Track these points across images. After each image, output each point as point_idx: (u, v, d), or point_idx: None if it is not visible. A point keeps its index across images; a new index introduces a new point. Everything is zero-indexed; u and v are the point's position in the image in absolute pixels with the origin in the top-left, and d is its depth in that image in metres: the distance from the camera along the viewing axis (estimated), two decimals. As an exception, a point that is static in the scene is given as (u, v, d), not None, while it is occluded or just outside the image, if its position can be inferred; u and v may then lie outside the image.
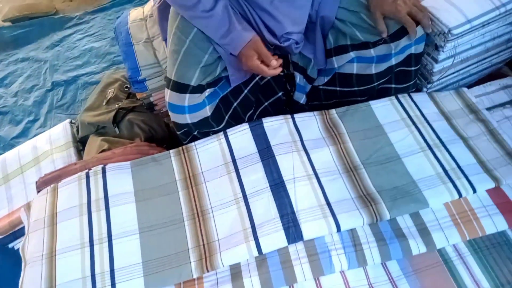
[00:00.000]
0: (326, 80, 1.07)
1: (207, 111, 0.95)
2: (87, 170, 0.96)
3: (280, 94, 1.14)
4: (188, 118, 0.95)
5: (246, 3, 0.91)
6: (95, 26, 2.10)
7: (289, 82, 1.16)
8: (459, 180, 0.87)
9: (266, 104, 1.13)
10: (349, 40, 0.97)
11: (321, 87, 1.08)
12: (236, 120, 1.03)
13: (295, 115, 1.00)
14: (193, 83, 0.90)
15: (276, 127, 0.97)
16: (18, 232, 1.15)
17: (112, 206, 0.89)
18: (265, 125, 0.96)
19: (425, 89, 1.13)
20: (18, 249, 1.00)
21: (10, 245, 1.17)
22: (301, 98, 1.14)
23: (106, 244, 0.84)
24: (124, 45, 1.13)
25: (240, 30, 0.87)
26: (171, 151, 0.98)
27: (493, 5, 0.92)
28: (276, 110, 1.15)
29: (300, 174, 0.88)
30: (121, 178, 0.93)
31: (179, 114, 0.95)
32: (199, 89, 0.92)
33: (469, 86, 1.14)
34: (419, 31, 0.92)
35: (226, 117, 1.02)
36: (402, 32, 0.92)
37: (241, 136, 0.96)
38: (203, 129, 0.98)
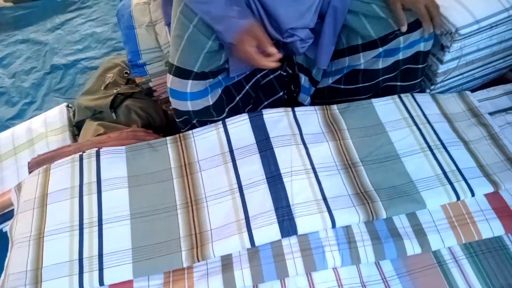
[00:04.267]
0: (331, 81, 1.05)
1: (209, 100, 0.93)
2: (81, 153, 0.94)
3: (281, 93, 1.12)
4: (189, 105, 0.93)
5: None
6: (98, 11, 2.07)
7: (293, 83, 1.14)
8: (458, 183, 0.86)
9: (265, 103, 1.12)
10: (360, 39, 0.95)
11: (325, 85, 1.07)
12: (236, 113, 1.02)
13: (296, 109, 0.98)
14: (196, 69, 0.88)
15: (276, 119, 0.95)
16: (8, 214, 1.13)
17: (104, 190, 0.87)
18: (265, 116, 0.95)
19: (428, 90, 1.11)
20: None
21: (-1, 227, 1.16)
22: (306, 100, 1.12)
23: (96, 228, 0.82)
24: (125, 27, 1.10)
25: (237, 17, 0.84)
26: (167, 138, 0.96)
27: (503, 6, 0.91)
28: None
29: (297, 168, 0.86)
30: (115, 162, 0.91)
31: (181, 100, 0.93)
32: (202, 76, 0.90)
33: (473, 90, 1.13)
34: (431, 28, 0.91)
35: (227, 109, 1.00)
36: (414, 26, 0.90)
37: (240, 126, 0.94)
38: (203, 117, 0.97)
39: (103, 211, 0.84)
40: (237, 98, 1.02)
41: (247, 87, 1.04)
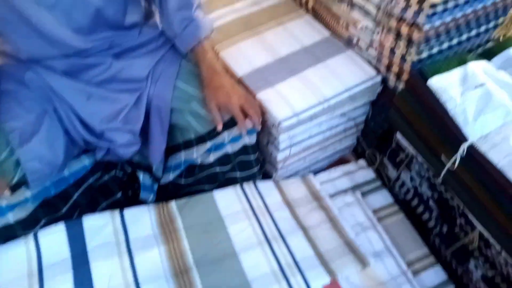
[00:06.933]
0: (173, 177, 1.00)
1: (9, 218, 0.79)
2: None
3: (119, 195, 1.03)
4: None
5: (55, 96, 0.82)
6: None
7: (134, 181, 1.06)
8: (293, 278, 0.83)
9: (103, 204, 1.00)
10: (193, 134, 0.93)
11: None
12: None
13: (125, 210, 0.89)
14: None
15: (99, 225, 0.85)
16: None
17: None
18: (85, 223, 0.84)
19: (274, 175, 1.13)
20: None
21: None
22: (149, 197, 1.03)
23: None
24: None
25: None
26: (-43, 262, 0.79)
27: (317, 100, 0.97)
28: None
29: (116, 285, 0.76)
30: None
31: None
32: None
33: (320, 171, 1.16)
34: (249, 125, 0.92)
35: (44, 220, 0.85)
36: (233, 123, 0.91)
37: (55, 237, 0.82)
38: (6, 235, 0.81)
39: None
40: (63, 210, 0.89)
41: (75, 196, 0.91)
